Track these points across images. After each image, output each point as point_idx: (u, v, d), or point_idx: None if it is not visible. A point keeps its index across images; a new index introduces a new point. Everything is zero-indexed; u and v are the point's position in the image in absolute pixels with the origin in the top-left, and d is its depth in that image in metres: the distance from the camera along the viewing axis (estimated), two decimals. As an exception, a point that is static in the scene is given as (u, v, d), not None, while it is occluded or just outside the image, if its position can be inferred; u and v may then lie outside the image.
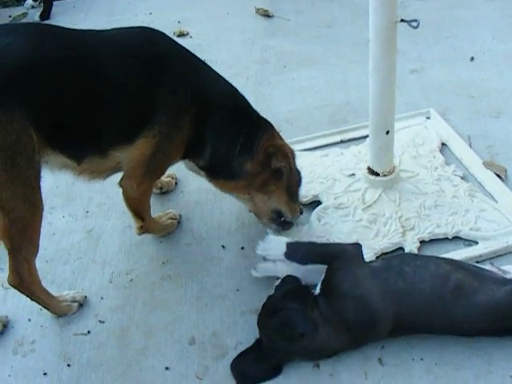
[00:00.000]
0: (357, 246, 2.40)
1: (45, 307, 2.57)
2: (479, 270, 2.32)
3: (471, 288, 2.22)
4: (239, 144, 2.56)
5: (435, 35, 4.14)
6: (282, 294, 2.32)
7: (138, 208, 2.68)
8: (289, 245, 2.44)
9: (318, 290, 2.33)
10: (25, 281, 2.43)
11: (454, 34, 4.17)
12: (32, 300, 2.52)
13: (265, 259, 2.56)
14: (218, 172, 2.65)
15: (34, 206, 2.34)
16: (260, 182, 2.62)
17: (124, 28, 2.56)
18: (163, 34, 2.55)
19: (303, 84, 3.83)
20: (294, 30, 4.37)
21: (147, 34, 2.54)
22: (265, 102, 3.58)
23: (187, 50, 2.59)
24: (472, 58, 3.90)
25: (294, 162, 2.68)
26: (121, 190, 2.61)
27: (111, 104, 2.37)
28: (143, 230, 2.77)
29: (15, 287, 2.45)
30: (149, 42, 2.50)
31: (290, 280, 2.40)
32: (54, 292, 2.59)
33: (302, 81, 3.86)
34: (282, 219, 2.72)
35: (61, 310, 2.60)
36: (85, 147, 2.43)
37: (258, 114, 2.67)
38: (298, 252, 2.42)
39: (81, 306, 2.61)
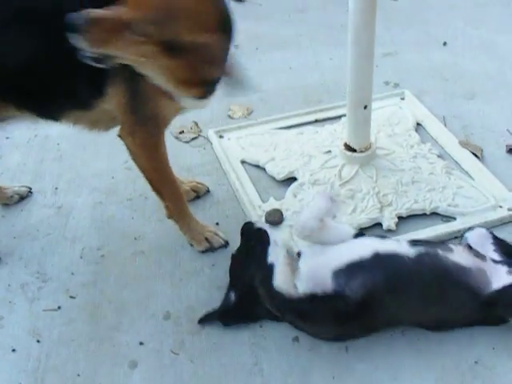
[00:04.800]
0: None
1: None
2: None
3: None
4: None
5: (408, 21, 4.14)
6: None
7: (145, 172, 2.45)
8: None
9: None
10: None
11: (426, 20, 4.16)
12: None
13: None
14: None
15: None
16: None
17: None
18: None
19: (276, 65, 3.77)
20: (266, 14, 4.32)
21: None
22: (238, 82, 3.53)
23: None
24: (445, 43, 3.90)
25: None
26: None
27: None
28: (168, 212, 2.59)
29: None
30: None
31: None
32: (20, 269, 2.59)
33: (275, 62, 3.80)
34: None
35: None
36: (58, 104, 2.30)
37: None
38: None
39: None
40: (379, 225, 2.63)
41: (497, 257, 2.21)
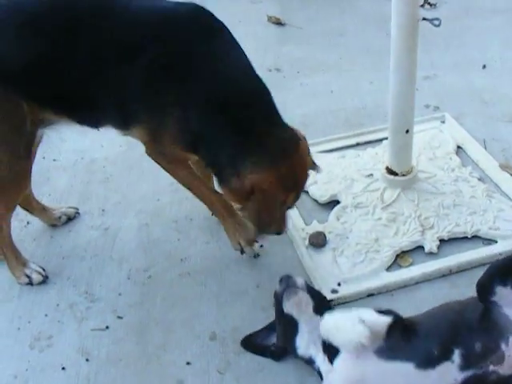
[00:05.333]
0: None
1: (7, 264, 2.66)
2: None
3: None
4: (227, 154, 2.28)
5: (447, 44, 4.16)
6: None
7: (179, 180, 2.59)
8: None
9: None
10: None
11: (464, 42, 4.19)
12: None
13: None
14: (215, 175, 2.41)
15: (18, 175, 2.38)
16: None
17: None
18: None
19: (317, 89, 3.83)
20: (307, 38, 4.39)
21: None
22: (280, 105, 3.52)
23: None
24: (484, 66, 3.92)
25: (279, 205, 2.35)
26: None
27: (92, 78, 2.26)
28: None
29: None
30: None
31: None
32: (68, 289, 2.66)
33: (316, 86, 3.86)
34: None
35: (16, 274, 2.66)
36: (99, 118, 2.42)
37: (277, 132, 2.43)
38: None
39: (30, 284, 2.66)
40: (421, 248, 2.66)
41: None
